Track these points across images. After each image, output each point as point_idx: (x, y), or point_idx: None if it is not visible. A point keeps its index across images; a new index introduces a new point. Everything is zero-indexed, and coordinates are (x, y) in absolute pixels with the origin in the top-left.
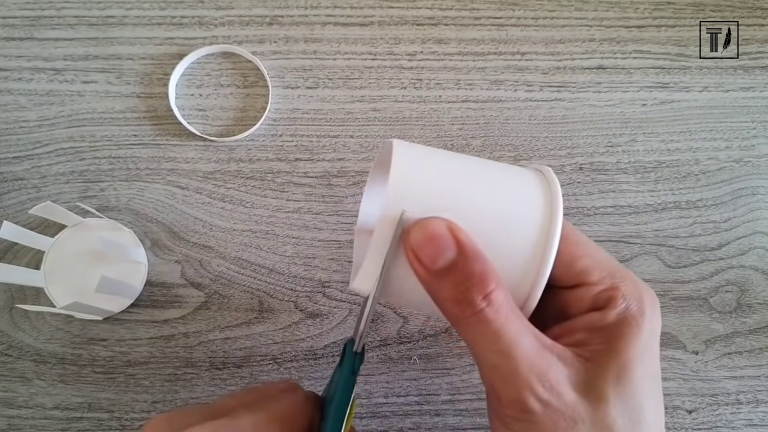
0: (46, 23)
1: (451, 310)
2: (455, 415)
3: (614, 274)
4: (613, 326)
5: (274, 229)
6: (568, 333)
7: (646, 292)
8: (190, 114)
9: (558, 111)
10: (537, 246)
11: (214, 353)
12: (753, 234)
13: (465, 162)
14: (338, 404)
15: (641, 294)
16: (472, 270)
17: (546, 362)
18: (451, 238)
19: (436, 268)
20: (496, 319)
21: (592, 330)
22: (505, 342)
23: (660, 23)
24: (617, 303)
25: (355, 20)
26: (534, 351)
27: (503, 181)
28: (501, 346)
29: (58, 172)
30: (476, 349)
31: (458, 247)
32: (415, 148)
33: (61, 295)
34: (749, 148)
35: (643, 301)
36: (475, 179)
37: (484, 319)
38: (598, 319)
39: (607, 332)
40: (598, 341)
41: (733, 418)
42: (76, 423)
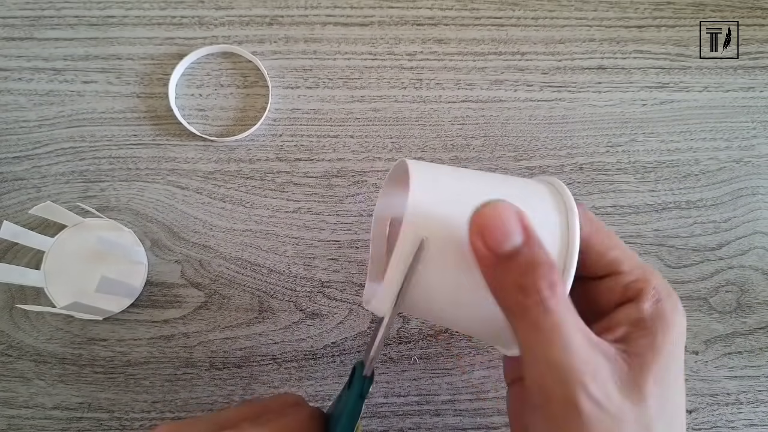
0: (46, 23)
1: (513, 298)
2: (455, 415)
3: (642, 265)
4: (651, 320)
5: (274, 229)
6: (609, 329)
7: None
8: (190, 114)
9: (558, 111)
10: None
11: (214, 353)
12: (753, 234)
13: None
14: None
15: (669, 289)
16: (540, 256)
17: (595, 359)
18: (519, 223)
19: (503, 251)
20: (558, 311)
21: (632, 324)
22: (563, 336)
23: (660, 23)
24: (649, 294)
25: (355, 20)
26: (587, 348)
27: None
28: (559, 340)
29: (58, 172)
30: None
31: (526, 234)
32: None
33: (61, 295)
34: (749, 148)
35: (671, 295)
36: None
37: (547, 309)
38: (635, 311)
39: (646, 326)
40: (639, 336)
41: (733, 418)
42: (76, 423)
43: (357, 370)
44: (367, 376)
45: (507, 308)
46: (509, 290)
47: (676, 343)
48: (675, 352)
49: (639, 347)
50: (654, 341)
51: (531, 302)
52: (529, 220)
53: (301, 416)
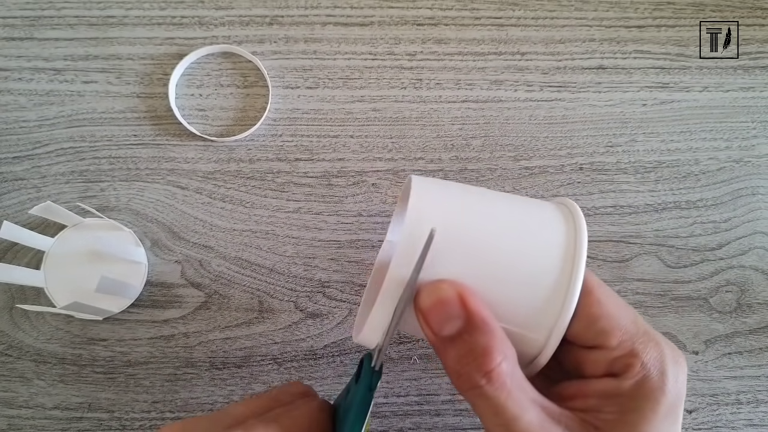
0: (46, 23)
1: (453, 379)
2: (455, 415)
3: (636, 338)
4: (628, 396)
5: (274, 229)
6: (582, 396)
7: (670, 356)
8: (190, 114)
9: (558, 111)
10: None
11: (214, 353)
12: (753, 234)
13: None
14: (354, 421)
15: (663, 360)
16: (476, 343)
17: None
18: (459, 305)
19: (443, 335)
20: (496, 396)
21: (607, 397)
22: (507, 416)
23: (660, 23)
24: (635, 371)
25: (355, 20)
26: (538, 424)
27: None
28: (502, 419)
29: (58, 172)
30: (479, 417)
31: (466, 316)
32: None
33: (61, 295)
34: (749, 148)
35: (665, 369)
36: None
37: (483, 394)
38: (613, 386)
39: (622, 402)
40: (611, 410)
41: (733, 418)
42: (76, 423)
43: (365, 363)
44: (376, 369)
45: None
46: (450, 372)
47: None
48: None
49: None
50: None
51: (467, 388)
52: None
53: (310, 409)
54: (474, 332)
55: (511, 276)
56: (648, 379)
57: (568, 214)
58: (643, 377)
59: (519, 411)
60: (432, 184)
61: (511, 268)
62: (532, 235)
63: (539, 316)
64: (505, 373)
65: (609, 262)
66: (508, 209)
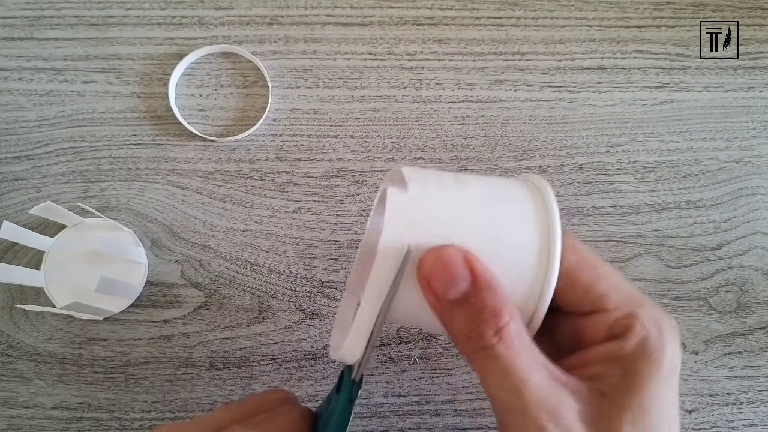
0: (46, 23)
1: (461, 344)
2: (455, 415)
3: (633, 300)
4: (631, 358)
5: (274, 229)
6: (584, 364)
7: (667, 321)
8: (190, 114)
9: (558, 111)
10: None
11: (214, 353)
12: (753, 234)
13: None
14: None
15: (661, 324)
16: (485, 303)
17: (558, 399)
18: (465, 268)
19: (449, 298)
20: (506, 355)
21: (609, 361)
22: (515, 379)
23: (660, 23)
24: (635, 331)
25: (355, 20)
26: (545, 387)
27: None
28: (511, 382)
29: (58, 172)
30: (486, 383)
31: (472, 278)
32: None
33: (61, 295)
34: (749, 148)
35: (663, 332)
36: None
37: (494, 355)
38: (615, 348)
39: (625, 364)
40: (615, 374)
41: (733, 418)
42: (76, 423)
43: (345, 375)
44: (356, 381)
45: (460, 351)
46: (458, 335)
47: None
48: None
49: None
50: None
51: (478, 348)
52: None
53: (292, 416)
54: (481, 292)
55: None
56: (648, 339)
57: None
58: (643, 338)
59: (528, 373)
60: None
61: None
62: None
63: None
64: (515, 331)
65: (609, 262)
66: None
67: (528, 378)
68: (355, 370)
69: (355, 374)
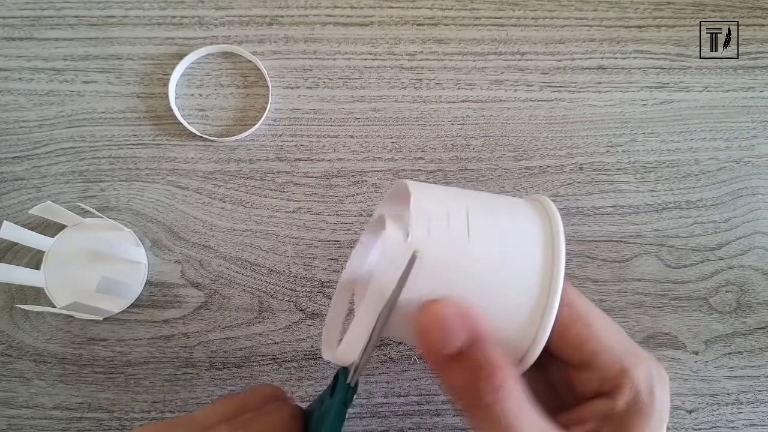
0: (46, 23)
1: (458, 397)
2: (455, 415)
3: (624, 358)
4: (623, 416)
5: (274, 229)
6: (579, 422)
7: (657, 373)
8: (190, 114)
9: (558, 111)
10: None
11: (214, 353)
12: (753, 234)
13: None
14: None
15: (651, 378)
16: (483, 360)
17: None
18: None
19: (445, 354)
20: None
21: (602, 419)
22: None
23: (660, 23)
24: (625, 391)
25: (355, 20)
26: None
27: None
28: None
29: (58, 172)
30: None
31: (471, 335)
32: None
33: (61, 295)
34: (749, 148)
35: (653, 385)
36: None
37: (492, 414)
38: (608, 408)
39: (616, 423)
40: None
41: (733, 418)
42: (76, 423)
43: (340, 378)
44: (351, 386)
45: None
46: (455, 390)
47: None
48: None
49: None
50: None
51: (475, 405)
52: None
53: (282, 414)
54: (479, 349)
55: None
56: (639, 397)
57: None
58: (634, 396)
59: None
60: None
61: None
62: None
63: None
64: (512, 388)
65: (609, 262)
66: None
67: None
68: (351, 374)
69: (351, 379)
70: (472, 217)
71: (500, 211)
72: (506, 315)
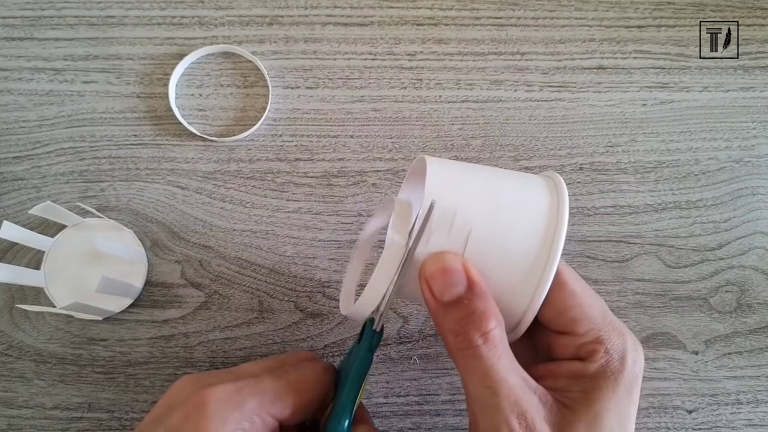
0: (46, 23)
1: (449, 341)
2: (455, 415)
3: (602, 328)
4: (592, 377)
5: (274, 229)
6: (552, 376)
7: (631, 343)
8: (190, 114)
9: (558, 111)
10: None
11: (214, 353)
12: (753, 234)
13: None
14: (353, 380)
15: (624, 347)
16: (476, 307)
17: (527, 402)
18: (462, 274)
19: (444, 300)
20: (489, 357)
21: (574, 378)
22: (494, 378)
23: (660, 23)
24: (598, 357)
25: (355, 20)
26: (518, 390)
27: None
28: (489, 381)
29: (58, 172)
30: (466, 380)
31: (468, 284)
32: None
33: (61, 295)
34: (749, 148)
35: (625, 355)
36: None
37: (478, 354)
38: (580, 369)
39: (586, 382)
40: (577, 389)
41: (733, 418)
42: (76, 423)
43: (367, 326)
44: (377, 331)
45: (447, 348)
46: (447, 334)
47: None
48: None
49: (574, 399)
50: (591, 396)
51: (463, 347)
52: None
53: (315, 368)
54: (474, 297)
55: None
56: (610, 363)
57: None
58: (605, 361)
59: (505, 374)
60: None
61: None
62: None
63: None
64: (498, 336)
65: (609, 262)
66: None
67: (506, 379)
68: (377, 320)
69: (377, 325)
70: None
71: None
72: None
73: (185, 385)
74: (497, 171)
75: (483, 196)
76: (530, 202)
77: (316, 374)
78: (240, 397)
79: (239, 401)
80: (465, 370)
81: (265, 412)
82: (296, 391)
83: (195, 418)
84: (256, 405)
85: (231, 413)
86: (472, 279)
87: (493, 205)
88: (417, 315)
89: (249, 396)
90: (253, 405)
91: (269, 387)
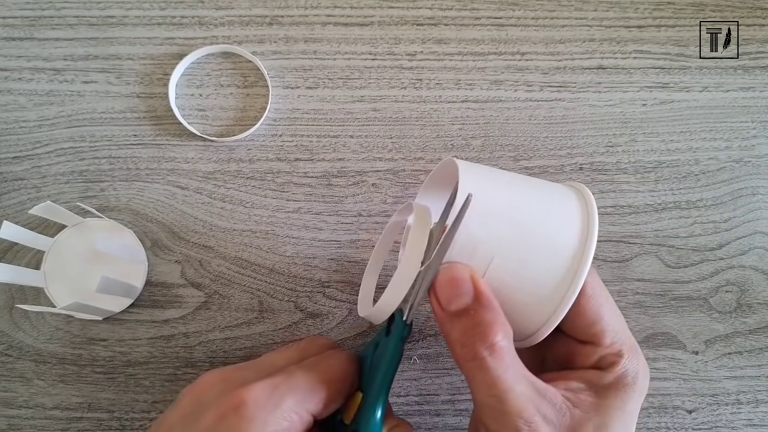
0: (46, 23)
1: (456, 351)
2: (455, 415)
3: (623, 342)
4: (607, 387)
5: (274, 229)
6: (566, 379)
7: (643, 368)
8: (190, 114)
9: (558, 111)
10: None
11: (214, 353)
12: (753, 234)
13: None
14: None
15: (638, 365)
16: (482, 318)
17: (534, 407)
18: (470, 284)
19: (450, 310)
20: (495, 368)
21: (589, 384)
22: (500, 388)
23: (660, 23)
24: (617, 369)
25: (355, 20)
26: (525, 397)
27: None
28: (495, 391)
29: (58, 172)
30: (473, 389)
31: (475, 295)
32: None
33: (61, 295)
34: (749, 148)
35: (638, 371)
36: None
37: (484, 366)
38: (595, 377)
39: (600, 391)
40: (589, 395)
41: (733, 418)
42: (76, 423)
43: (397, 318)
44: (408, 324)
45: (454, 358)
46: (454, 344)
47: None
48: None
49: (584, 402)
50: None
51: (470, 358)
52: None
53: (341, 358)
54: (481, 309)
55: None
56: (625, 377)
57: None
58: (622, 374)
59: (512, 383)
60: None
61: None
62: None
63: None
64: (505, 347)
65: (609, 262)
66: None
67: (513, 387)
68: (407, 313)
69: (407, 316)
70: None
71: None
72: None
73: (214, 382)
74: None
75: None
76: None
77: (342, 364)
78: (278, 395)
79: (277, 400)
80: (472, 380)
81: (302, 409)
82: (327, 384)
83: (234, 420)
84: (293, 402)
85: (270, 413)
86: (479, 289)
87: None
88: (417, 315)
89: (286, 394)
90: (291, 403)
91: (303, 382)
